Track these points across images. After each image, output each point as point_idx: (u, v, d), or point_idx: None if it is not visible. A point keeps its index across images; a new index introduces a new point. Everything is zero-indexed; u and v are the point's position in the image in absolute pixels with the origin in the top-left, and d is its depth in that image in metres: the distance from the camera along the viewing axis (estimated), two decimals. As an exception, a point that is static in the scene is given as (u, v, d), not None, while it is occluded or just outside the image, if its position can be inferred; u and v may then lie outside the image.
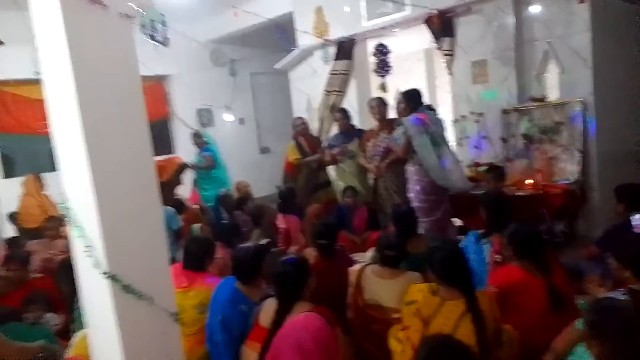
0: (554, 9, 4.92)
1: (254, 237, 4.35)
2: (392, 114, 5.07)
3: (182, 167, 6.43)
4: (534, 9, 5.09)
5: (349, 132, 5.32)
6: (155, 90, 8.36)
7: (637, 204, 3.38)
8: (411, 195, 4.51)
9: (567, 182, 4.79)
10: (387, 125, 4.86)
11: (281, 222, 4.84)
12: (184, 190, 6.74)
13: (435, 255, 2.46)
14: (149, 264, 2.07)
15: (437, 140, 4.31)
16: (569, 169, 4.87)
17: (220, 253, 3.70)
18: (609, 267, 2.44)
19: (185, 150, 7.95)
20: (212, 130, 8.79)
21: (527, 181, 4.92)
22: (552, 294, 2.62)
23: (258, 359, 2.39)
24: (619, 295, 2.18)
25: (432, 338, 1.99)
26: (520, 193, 4.82)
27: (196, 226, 5.19)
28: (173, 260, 3.32)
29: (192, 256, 3.16)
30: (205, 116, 8.77)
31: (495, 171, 4.76)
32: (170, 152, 8.44)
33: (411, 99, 4.47)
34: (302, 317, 2.30)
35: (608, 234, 3.56)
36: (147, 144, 2.13)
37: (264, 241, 4.14)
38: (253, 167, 8.72)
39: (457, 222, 4.82)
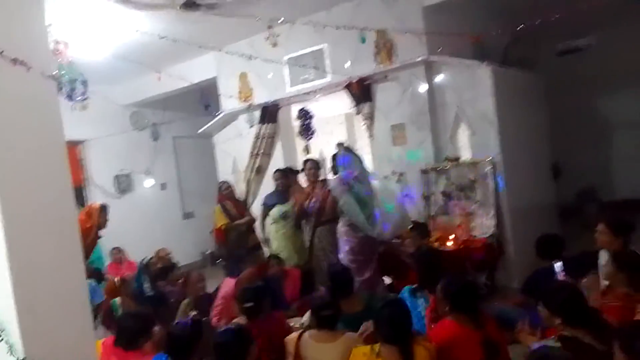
0: (462, 76, 5.41)
1: (183, 308, 4.09)
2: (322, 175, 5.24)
3: (104, 206, 6.01)
4: (444, 76, 5.56)
5: (285, 193, 5.36)
6: (69, 155, 7.92)
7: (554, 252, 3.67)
8: (341, 255, 4.56)
9: (485, 235, 5.08)
10: (316, 185, 4.99)
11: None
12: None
13: (383, 314, 2.46)
14: (73, 346, 1.86)
15: (361, 200, 4.45)
16: (485, 223, 5.18)
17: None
18: (537, 314, 2.55)
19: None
20: (132, 196, 8.43)
21: (450, 237, 5.16)
22: (487, 346, 2.68)
23: None
24: (551, 342, 2.26)
25: None
26: (443, 248, 5.03)
27: (117, 300, 4.79)
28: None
29: (125, 332, 2.92)
30: (124, 182, 8.39)
31: (420, 228, 4.96)
32: (84, 220, 7.89)
33: (334, 161, 4.73)
34: None
35: (530, 280, 3.78)
36: (71, 211, 1.98)
37: (192, 313, 3.89)
38: (176, 233, 8.39)
39: (386, 280, 4.89)
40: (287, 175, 5.49)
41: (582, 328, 2.29)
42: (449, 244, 5.11)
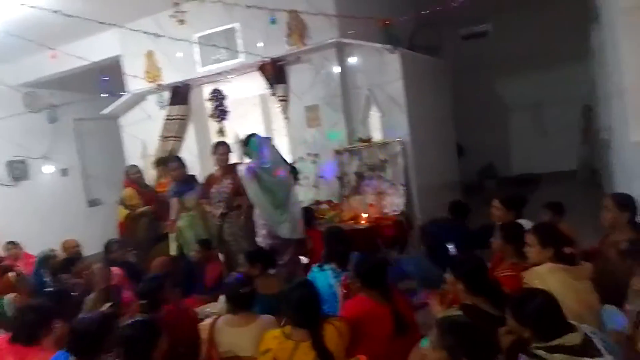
0: (372, 60, 5.55)
1: (90, 303, 3.85)
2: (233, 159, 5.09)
3: None
4: (355, 60, 5.68)
5: (186, 180, 5.11)
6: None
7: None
8: (259, 239, 4.55)
9: (395, 213, 5.30)
10: (230, 170, 4.82)
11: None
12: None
13: (289, 297, 2.49)
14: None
15: (271, 187, 4.39)
16: (395, 201, 5.41)
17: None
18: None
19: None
20: (28, 184, 7.77)
21: (363, 215, 5.33)
22: (397, 320, 2.82)
23: None
24: (454, 311, 2.42)
25: None
26: (357, 226, 5.19)
27: (9, 297, 4.40)
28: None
29: (24, 327, 2.72)
30: (18, 168, 7.69)
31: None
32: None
33: (244, 145, 4.57)
34: None
35: None
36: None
37: (106, 306, 3.68)
38: (81, 222, 7.87)
39: (304, 259, 4.96)
40: (183, 163, 5.22)
41: (482, 296, 2.48)
42: (362, 222, 5.28)
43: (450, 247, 3.78)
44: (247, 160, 4.58)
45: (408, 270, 4.19)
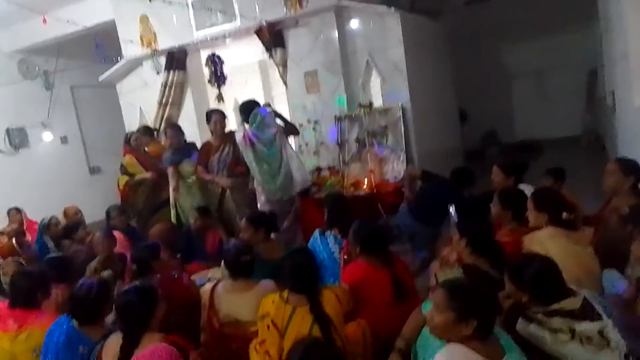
0: (372, 23, 5.40)
1: (91, 270, 3.88)
2: (231, 126, 5.03)
3: None
4: (354, 24, 5.53)
5: (183, 147, 5.03)
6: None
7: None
8: (259, 205, 4.57)
9: (396, 179, 5.27)
10: (228, 138, 4.75)
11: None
12: None
13: (286, 264, 2.49)
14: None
15: (264, 159, 4.34)
16: (396, 168, 5.37)
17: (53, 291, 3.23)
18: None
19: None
20: (28, 152, 7.74)
21: (363, 182, 5.31)
22: (396, 285, 2.83)
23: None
24: (455, 272, 2.42)
25: (301, 342, 1.93)
26: (358, 193, 5.18)
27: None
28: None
29: (22, 292, 2.75)
30: (17, 136, 7.63)
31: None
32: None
33: (242, 111, 4.50)
34: (149, 350, 2.10)
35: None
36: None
37: (105, 273, 3.71)
38: (82, 190, 7.86)
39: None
40: (181, 130, 5.14)
41: (484, 257, 2.47)
42: (363, 188, 5.26)
43: (451, 210, 3.76)
44: (245, 127, 4.51)
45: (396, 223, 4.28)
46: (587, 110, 8.00)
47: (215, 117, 4.71)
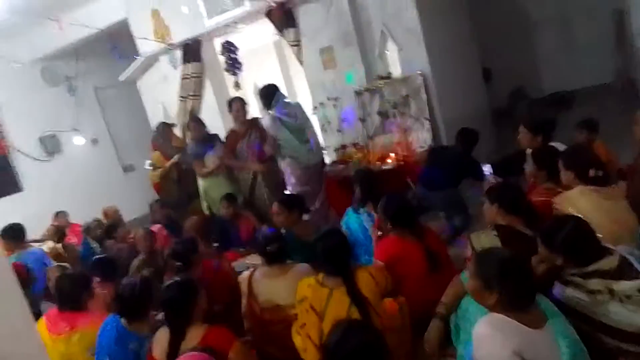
0: (383, -10, 5.25)
1: (135, 267, 4.03)
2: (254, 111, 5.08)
3: None
4: (366, -9, 5.37)
5: (206, 139, 5.09)
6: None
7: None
8: (289, 188, 4.66)
9: (423, 149, 5.19)
10: (253, 124, 4.82)
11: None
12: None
13: (318, 247, 2.52)
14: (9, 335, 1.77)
15: (295, 130, 4.49)
16: (421, 137, 5.29)
17: (99, 291, 3.38)
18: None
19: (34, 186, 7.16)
20: (62, 156, 8.00)
21: (390, 155, 5.26)
22: (430, 257, 2.84)
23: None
24: (489, 231, 2.40)
25: (339, 324, 1.90)
26: (385, 167, 5.14)
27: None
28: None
29: (67, 295, 2.87)
30: (50, 143, 7.89)
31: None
32: (16, 190, 7.47)
33: (262, 97, 4.62)
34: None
35: None
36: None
37: (145, 271, 3.84)
38: (118, 189, 8.11)
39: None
40: (202, 122, 5.18)
41: (516, 216, 2.45)
42: (390, 162, 5.22)
43: (488, 170, 3.73)
44: (269, 112, 4.56)
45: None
46: (617, 54, 7.62)
47: (235, 105, 4.78)
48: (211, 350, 2.11)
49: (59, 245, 5.23)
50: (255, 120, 4.86)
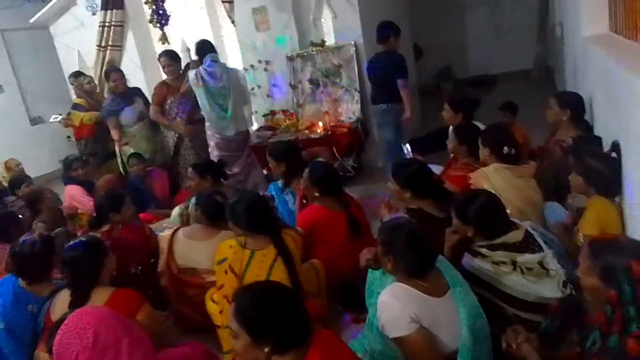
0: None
1: (37, 227, 3.73)
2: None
3: None
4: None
5: (127, 93, 4.81)
6: None
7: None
8: (210, 152, 4.49)
9: (350, 120, 5.22)
10: (185, 79, 4.59)
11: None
12: None
13: (236, 208, 2.45)
14: None
15: (214, 94, 4.27)
16: (351, 108, 5.30)
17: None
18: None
19: None
20: (-40, 103, 7.19)
21: (318, 124, 5.24)
22: (352, 224, 2.89)
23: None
24: (402, 215, 2.45)
25: (249, 286, 1.71)
26: (313, 135, 5.12)
27: None
28: None
29: None
30: (-52, 87, 7.06)
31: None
32: None
33: (197, 51, 4.40)
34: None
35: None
36: None
37: (59, 230, 3.57)
38: (24, 142, 7.43)
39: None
40: (123, 74, 4.90)
41: (427, 199, 2.51)
42: (319, 131, 5.19)
43: (406, 148, 3.78)
44: (200, 68, 4.35)
45: None
46: (538, 43, 8.06)
47: (164, 59, 4.59)
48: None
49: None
50: (181, 77, 4.64)
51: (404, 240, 1.84)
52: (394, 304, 1.79)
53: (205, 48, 4.35)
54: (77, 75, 5.50)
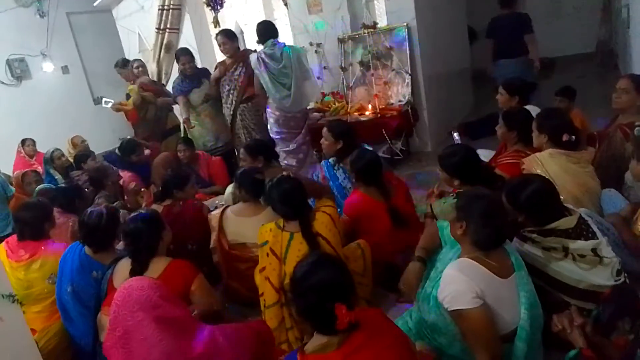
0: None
1: (100, 201, 3.97)
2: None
3: None
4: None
5: (195, 75, 4.96)
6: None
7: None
8: (269, 127, 4.69)
9: (401, 103, 5.17)
10: (241, 57, 4.73)
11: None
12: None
13: (271, 194, 2.51)
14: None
15: (276, 74, 4.40)
16: (401, 91, 5.24)
17: (61, 220, 3.34)
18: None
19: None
20: (30, 83, 7.66)
21: (368, 106, 5.22)
22: (393, 215, 2.86)
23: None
24: (450, 199, 2.42)
25: (308, 256, 1.75)
26: (362, 118, 5.12)
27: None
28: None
29: (27, 224, 2.83)
30: (19, 67, 7.51)
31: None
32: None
33: (257, 32, 4.54)
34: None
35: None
36: None
37: (117, 203, 3.81)
38: (88, 121, 7.86)
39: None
40: (193, 56, 5.04)
41: (476, 185, 2.47)
42: (368, 114, 5.19)
43: (455, 135, 3.72)
44: (259, 48, 4.47)
45: None
46: (601, 25, 7.61)
47: (220, 38, 4.71)
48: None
49: (16, 173, 5.08)
50: (243, 54, 4.78)
51: (482, 210, 1.80)
52: (460, 277, 1.77)
53: (263, 29, 4.48)
54: (123, 64, 5.72)
